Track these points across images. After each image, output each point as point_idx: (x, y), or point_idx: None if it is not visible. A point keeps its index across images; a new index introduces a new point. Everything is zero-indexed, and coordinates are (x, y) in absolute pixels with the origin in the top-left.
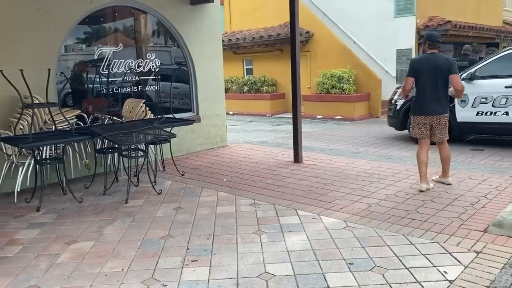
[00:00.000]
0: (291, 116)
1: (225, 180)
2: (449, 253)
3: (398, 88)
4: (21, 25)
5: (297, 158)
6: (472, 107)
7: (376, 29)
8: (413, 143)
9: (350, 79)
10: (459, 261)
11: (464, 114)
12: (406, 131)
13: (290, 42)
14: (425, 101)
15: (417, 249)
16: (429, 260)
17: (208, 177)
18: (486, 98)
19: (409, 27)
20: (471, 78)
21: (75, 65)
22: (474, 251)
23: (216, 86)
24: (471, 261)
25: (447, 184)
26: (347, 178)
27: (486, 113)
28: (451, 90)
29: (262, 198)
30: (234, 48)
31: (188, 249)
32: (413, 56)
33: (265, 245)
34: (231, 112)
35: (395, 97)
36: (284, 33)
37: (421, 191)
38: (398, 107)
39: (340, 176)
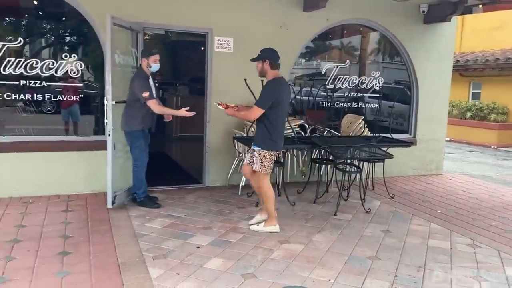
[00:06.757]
0: None
1: (438, 211)
2: None
3: None
4: (265, 39)
5: None
6: None
7: None
8: None
9: None
10: None
11: None
12: None
13: None
14: None
15: None
16: None
17: (419, 205)
18: None
19: None
20: None
21: (302, 78)
22: None
23: (438, 109)
24: None
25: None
26: None
27: None
28: None
29: (484, 240)
30: (461, 70)
31: (396, 276)
32: None
33: None
34: (447, 139)
35: None
36: None
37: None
38: None
39: None
